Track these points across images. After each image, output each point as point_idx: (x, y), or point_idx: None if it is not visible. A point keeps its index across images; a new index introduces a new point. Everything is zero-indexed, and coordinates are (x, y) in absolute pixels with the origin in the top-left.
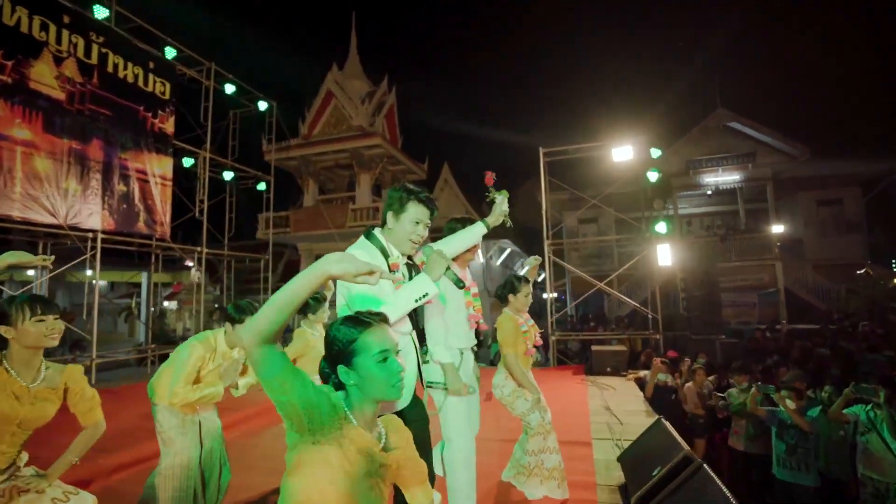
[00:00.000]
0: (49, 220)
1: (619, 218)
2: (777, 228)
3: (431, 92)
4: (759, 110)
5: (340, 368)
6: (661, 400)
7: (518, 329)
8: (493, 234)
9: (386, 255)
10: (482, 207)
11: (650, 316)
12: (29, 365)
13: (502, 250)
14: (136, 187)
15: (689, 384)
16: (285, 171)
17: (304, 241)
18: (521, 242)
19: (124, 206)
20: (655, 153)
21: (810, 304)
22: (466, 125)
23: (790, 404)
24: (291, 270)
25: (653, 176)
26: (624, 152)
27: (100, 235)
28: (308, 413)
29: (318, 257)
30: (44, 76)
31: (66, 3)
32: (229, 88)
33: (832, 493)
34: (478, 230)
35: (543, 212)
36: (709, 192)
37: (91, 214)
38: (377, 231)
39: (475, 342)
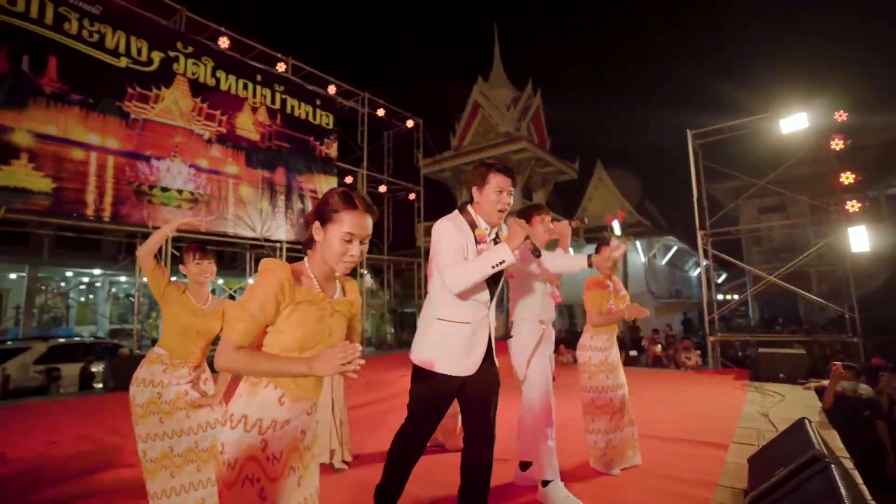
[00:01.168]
0: (250, 234)
1: (812, 204)
2: None
3: (577, 92)
4: None
5: (316, 224)
6: (845, 412)
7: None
8: (655, 232)
9: (473, 227)
10: (638, 205)
11: (847, 316)
12: (199, 294)
13: (668, 248)
14: (309, 204)
15: None
16: (441, 182)
17: None
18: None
19: (301, 220)
20: (839, 116)
21: None
22: (615, 120)
23: None
24: None
25: (836, 143)
26: (796, 121)
27: (285, 245)
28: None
29: None
30: (245, 124)
31: (259, 65)
32: (381, 112)
33: None
34: (578, 263)
35: (694, 200)
36: None
37: (279, 228)
38: (469, 206)
39: (553, 317)
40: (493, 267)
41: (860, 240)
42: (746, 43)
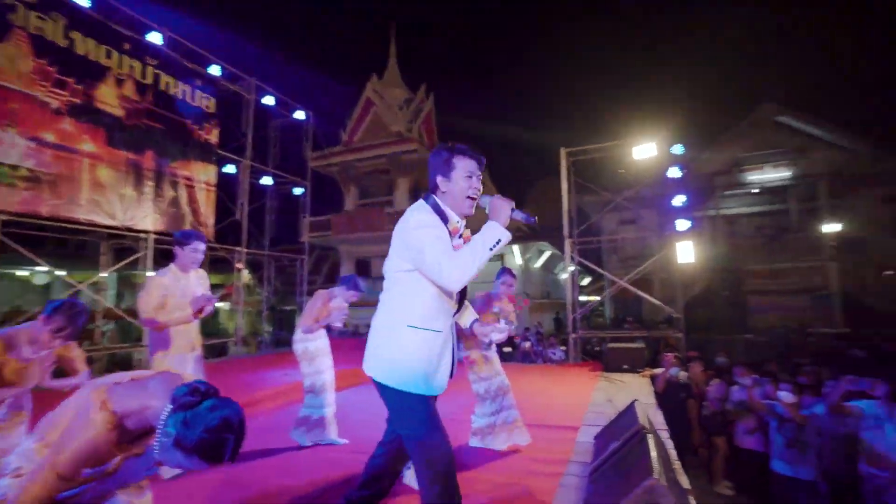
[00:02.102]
0: (109, 221)
1: (660, 219)
2: (832, 227)
3: (468, 98)
4: (810, 104)
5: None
6: (671, 395)
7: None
8: (531, 237)
9: (445, 221)
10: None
11: (674, 315)
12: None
13: (541, 253)
14: (183, 193)
15: (714, 382)
16: (328, 177)
17: (344, 243)
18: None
19: (173, 209)
20: (678, 150)
21: (872, 308)
22: (500, 128)
23: (786, 397)
24: (336, 272)
25: (674, 173)
26: (646, 150)
27: (152, 236)
28: None
29: (357, 260)
30: (107, 97)
31: (127, 32)
32: (269, 100)
33: (832, 487)
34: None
35: (565, 211)
36: (755, 191)
37: (145, 217)
38: (434, 197)
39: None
40: (490, 249)
41: (687, 253)
42: (622, 73)
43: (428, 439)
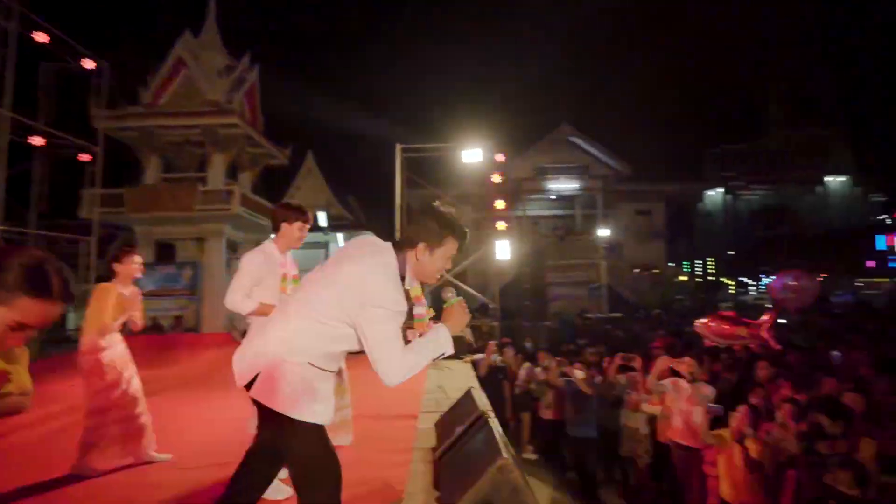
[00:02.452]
0: None
1: (475, 217)
2: (604, 232)
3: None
4: (596, 129)
5: None
6: (492, 379)
7: None
8: (359, 227)
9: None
10: (343, 200)
11: (490, 305)
12: None
13: None
14: None
15: (525, 365)
16: (121, 142)
17: (143, 223)
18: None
19: None
20: (499, 158)
21: (626, 298)
22: (333, 115)
23: (579, 374)
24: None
25: (495, 178)
26: (473, 155)
27: None
28: None
29: (157, 242)
30: None
31: None
32: (41, 37)
33: (606, 441)
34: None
35: (397, 206)
36: (553, 197)
37: None
38: (403, 252)
39: None
40: (433, 360)
41: (504, 250)
42: (455, 78)
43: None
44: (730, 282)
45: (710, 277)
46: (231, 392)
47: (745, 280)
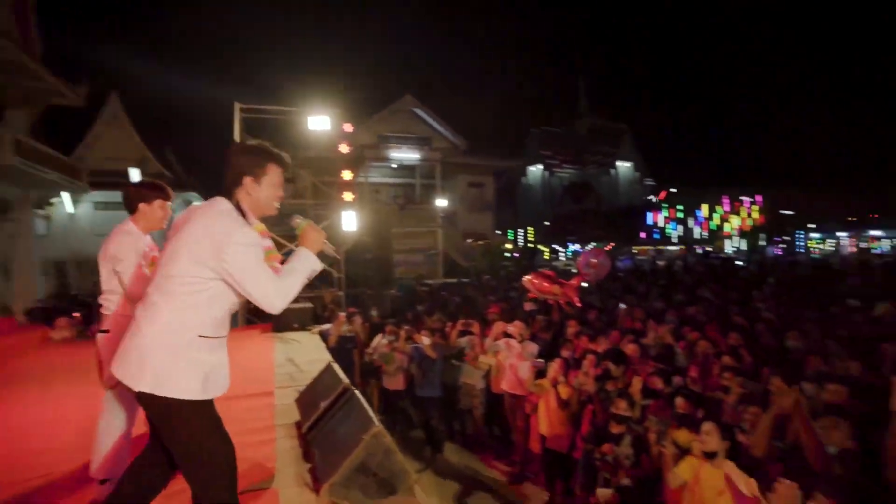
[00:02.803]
0: None
1: (314, 182)
2: (441, 202)
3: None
4: (438, 104)
5: None
6: (342, 349)
7: None
8: (178, 187)
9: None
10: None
11: (336, 275)
12: None
13: (189, 205)
14: None
15: (378, 337)
16: None
17: None
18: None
19: None
20: (347, 128)
21: (459, 264)
22: (153, 55)
23: (426, 340)
24: None
25: (343, 148)
26: (321, 122)
27: None
28: None
29: None
30: None
31: None
32: None
33: (449, 398)
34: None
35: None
36: (394, 166)
37: None
38: (235, 195)
39: None
40: (307, 279)
41: (350, 221)
42: (301, 44)
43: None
44: (545, 248)
45: (529, 245)
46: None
47: (557, 247)
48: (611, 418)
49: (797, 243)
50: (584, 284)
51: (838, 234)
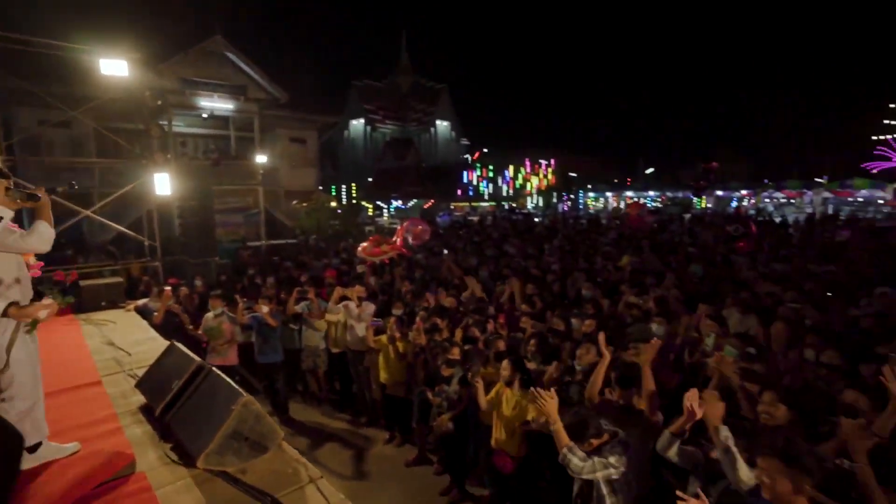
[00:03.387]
0: None
1: (99, 130)
2: (261, 158)
3: None
4: (255, 51)
5: None
6: (170, 325)
7: None
8: None
9: None
10: None
11: (147, 243)
12: None
13: None
14: None
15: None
16: None
17: None
18: None
19: None
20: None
21: (283, 223)
22: None
23: (265, 309)
24: None
25: (151, 101)
26: (115, 67)
27: None
28: None
29: None
30: None
31: None
32: None
33: (291, 360)
34: None
35: None
36: (204, 115)
37: None
38: None
39: None
40: None
41: (164, 184)
42: None
43: None
44: (368, 205)
45: (353, 201)
46: None
47: (380, 203)
48: (444, 363)
49: (579, 201)
50: (410, 240)
51: (607, 193)
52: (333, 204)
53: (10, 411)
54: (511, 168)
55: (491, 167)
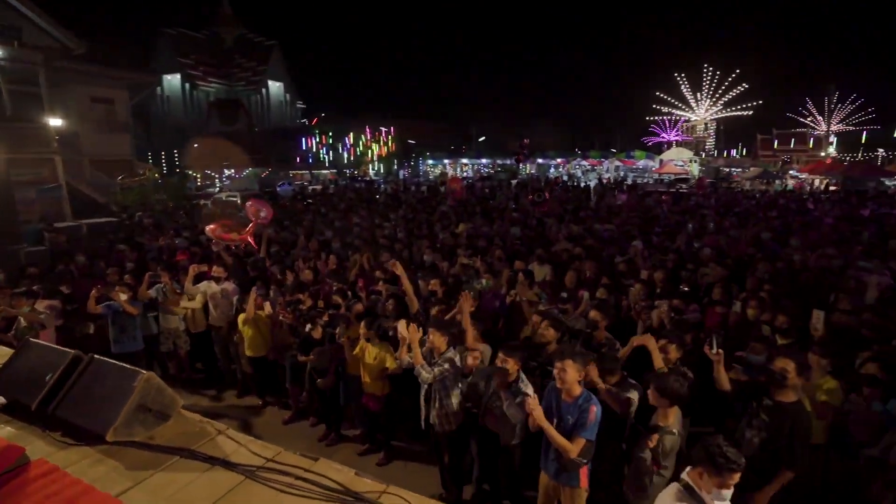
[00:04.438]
0: None
1: None
2: (55, 121)
3: None
4: None
5: None
6: None
7: None
8: None
9: None
10: None
11: None
12: None
13: None
14: None
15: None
16: None
17: None
18: None
19: None
20: None
21: (92, 199)
22: None
23: (122, 297)
24: None
25: None
26: None
27: None
28: None
29: None
30: None
31: None
32: None
33: (148, 345)
34: None
35: None
36: None
37: None
38: None
39: None
40: None
41: None
42: None
43: None
44: (196, 174)
45: (178, 171)
46: None
47: (210, 173)
48: (316, 328)
49: (419, 168)
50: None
51: (444, 161)
52: (157, 175)
53: None
54: (351, 135)
55: (330, 134)
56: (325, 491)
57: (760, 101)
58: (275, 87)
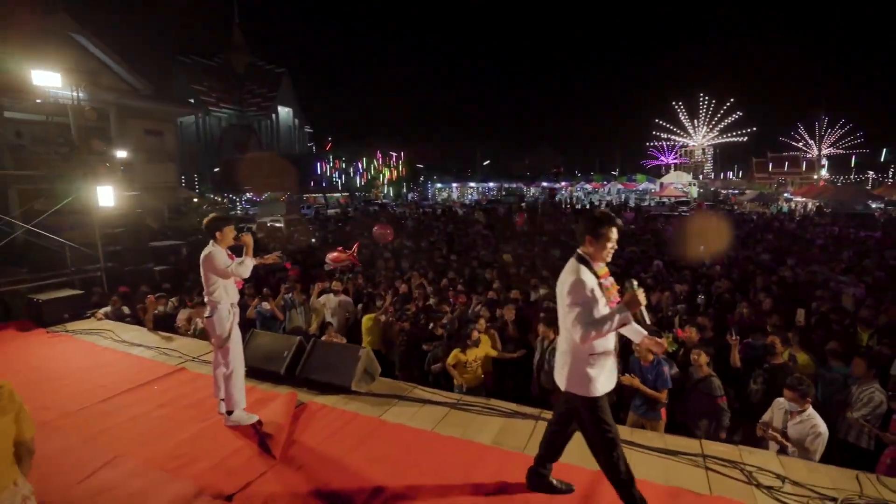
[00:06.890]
0: None
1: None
2: (120, 153)
3: None
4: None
5: None
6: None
7: None
8: None
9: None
10: None
11: (93, 254)
12: None
13: None
14: None
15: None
16: None
17: None
18: None
19: None
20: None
21: (147, 224)
22: None
23: (267, 305)
24: None
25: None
26: (48, 78)
27: None
28: None
29: None
30: None
31: None
32: None
33: None
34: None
35: None
36: (38, 101)
37: None
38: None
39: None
40: (612, 329)
41: (107, 196)
42: None
43: None
44: (219, 198)
45: (207, 196)
46: None
47: (232, 196)
48: (437, 327)
49: (428, 191)
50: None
51: (452, 184)
52: (196, 199)
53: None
54: (364, 160)
55: (343, 158)
56: (503, 411)
57: (754, 128)
58: (283, 112)
